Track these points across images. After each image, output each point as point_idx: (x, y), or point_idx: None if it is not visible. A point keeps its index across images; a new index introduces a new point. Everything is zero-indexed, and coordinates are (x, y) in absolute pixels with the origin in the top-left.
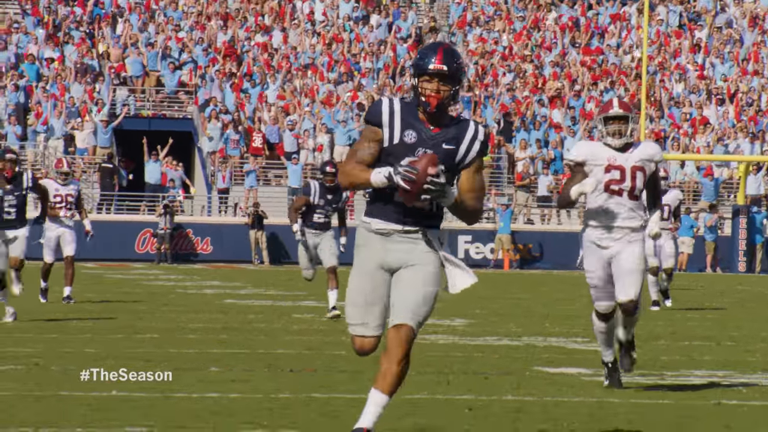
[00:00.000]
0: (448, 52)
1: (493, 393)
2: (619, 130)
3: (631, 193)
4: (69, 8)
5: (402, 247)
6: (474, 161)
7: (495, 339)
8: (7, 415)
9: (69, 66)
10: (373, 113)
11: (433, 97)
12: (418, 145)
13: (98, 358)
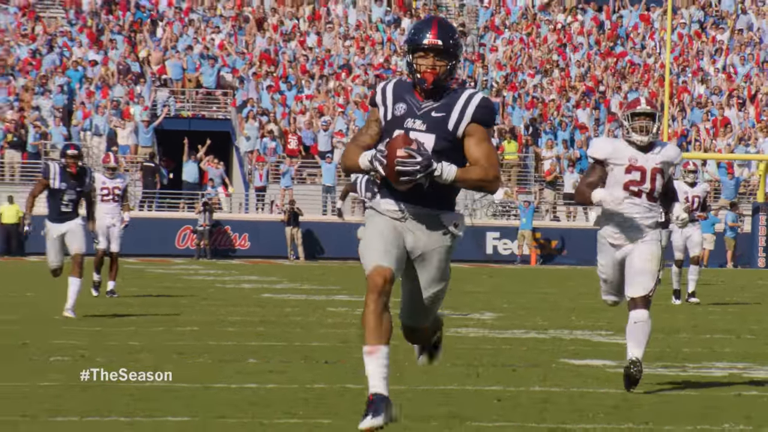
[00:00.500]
0: (443, 25)
1: (520, 384)
2: (645, 126)
3: (650, 195)
4: (111, 14)
5: (416, 233)
6: (475, 130)
7: (522, 332)
8: (54, 405)
9: (112, 68)
10: (372, 95)
11: (429, 72)
12: (407, 116)
13: (141, 350)
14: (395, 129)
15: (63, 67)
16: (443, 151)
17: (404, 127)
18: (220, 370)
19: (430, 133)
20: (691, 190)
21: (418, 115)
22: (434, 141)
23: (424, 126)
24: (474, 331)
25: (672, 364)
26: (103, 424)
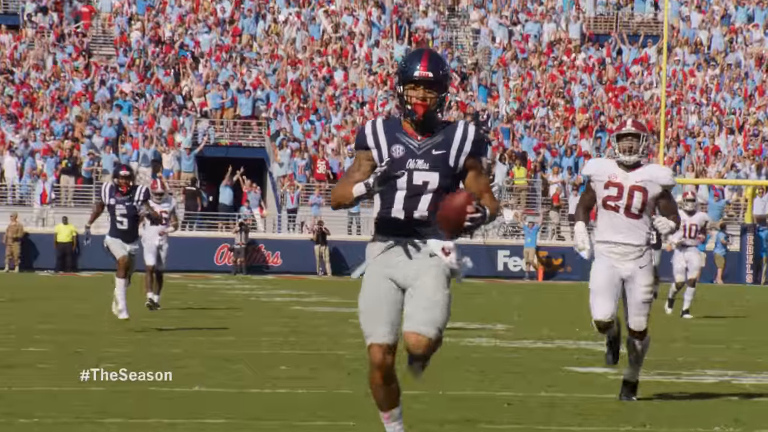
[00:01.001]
0: (434, 58)
1: (529, 390)
2: (630, 146)
3: (627, 210)
4: (158, 50)
5: (406, 264)
6: (473, 164)
7: (530, 342)
8: (102, 407)
9: (157, 101)
10: (359, 139)
11: (420, 105)
12: (408, 157)
13: (183, 357)
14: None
15: (113, 99)
16: (445, 186)
17: (407, 168)
18: (254, 377)
19: (434, 172)
20: (689, 218)
21: (419, 155)
22: (438, 179)
23: (427, 165)
24: (486, 341)
25: (668, 372)
26: (146, 426)
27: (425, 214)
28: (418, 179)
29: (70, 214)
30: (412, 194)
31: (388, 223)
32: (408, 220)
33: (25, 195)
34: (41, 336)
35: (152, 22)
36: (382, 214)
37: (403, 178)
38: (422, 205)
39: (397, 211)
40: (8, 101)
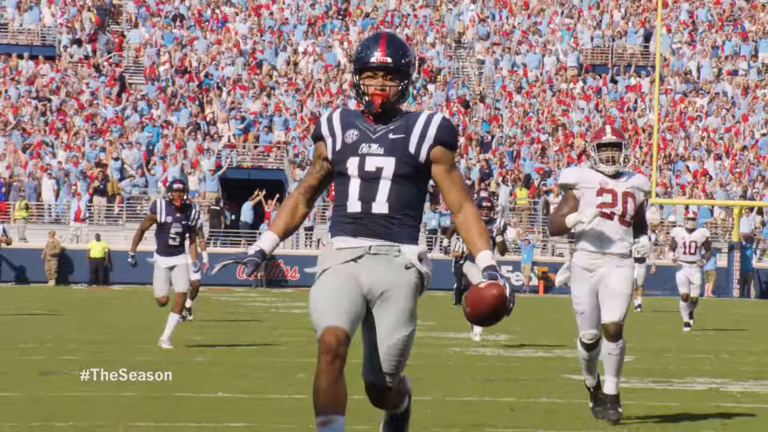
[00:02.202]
0: (393, 41)
1: (531, 396)
2: (612, 156)
3: (622, 218)
4: (184, 79)
5: (374, 269)
6: (442, 155)
7: (532, 351)
8: (134, 412)
9: (183, 126)
10: (315, 129)
11: (378, 94)
12: (361, 142)
13: (209, 365)
14: (349, 157)
15: (143, 125)
16: (405, 176)
17: (359, 153)
18: (274, 383)
19: (389, 156)
20: (689, 235)
21: (373, 139)
22: (394, 164)
23: (381, 149)
24: (490, 350)
25: (659, 380)
26: (174, 429)
27: (384, 207)
28: (371, 165)
29: (102, 232)
30: (366, 183)
31: (344, 220)
32: (366, 214)
33: (61, 214)
34: (75, 345)
35: (180, 53)
36: (337, 210)
37: (354, 162)
38: (380, 195)
39: (353, 203)
40: (44, 126)
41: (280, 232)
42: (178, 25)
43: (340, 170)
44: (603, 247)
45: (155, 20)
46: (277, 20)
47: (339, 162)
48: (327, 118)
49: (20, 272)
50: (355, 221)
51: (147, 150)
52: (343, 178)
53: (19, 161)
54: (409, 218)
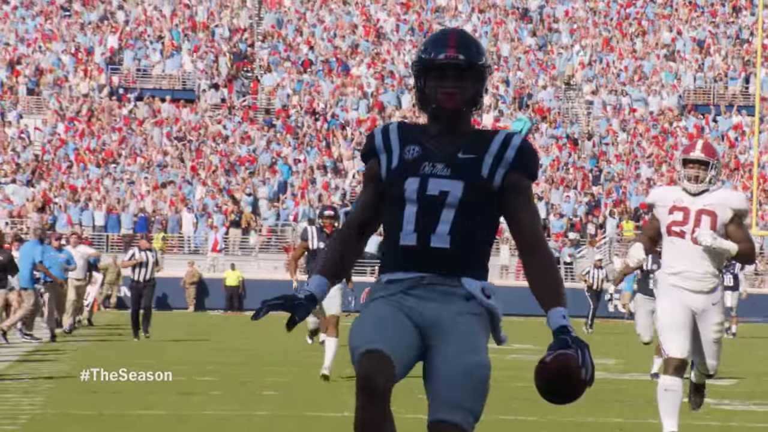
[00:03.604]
0: (464, 37)
1: (638, 416)
2: (697, 175)
3: (695, 239)
4: (312, 120)
5: (428, 305)
6: (520, 184)
7: (638, 375)
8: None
9: (312, 164)
10: (364, 145)
11: (449, 96)
12: (423, 160)
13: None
14: (407, 177)
15: (274, 162)
16: (474, 204)
17: (420, 173)
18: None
19: (457, 180)
20: None
21: (439, 157)
22: (462, 189)
23: (448, 170)
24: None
25: (761, 402)
26: None
27: (445, 241)
28: (434, 188)
29: (236, 261)
30: (426, 210)
31: (395, 257)
32: (423, 249)
33: (200, 245)
34: (213, 367)
35: (308, 96)
36: (387, 244)
37: (413, 186)
38: (441, 226)
39: (407, 234)
40: (181, 164)
41: (329, 274)
42: (307, 70)
43: (394, 193)
44: (681, 266)
45: (286, 65)
46: (397, 64)
47: (394, 182)
48: (382, 130)
49: (162, 299)
50: (409, 256)
51: (278, 186)
52: (396, 203)
53: (161, 196)
54: (474, 255)
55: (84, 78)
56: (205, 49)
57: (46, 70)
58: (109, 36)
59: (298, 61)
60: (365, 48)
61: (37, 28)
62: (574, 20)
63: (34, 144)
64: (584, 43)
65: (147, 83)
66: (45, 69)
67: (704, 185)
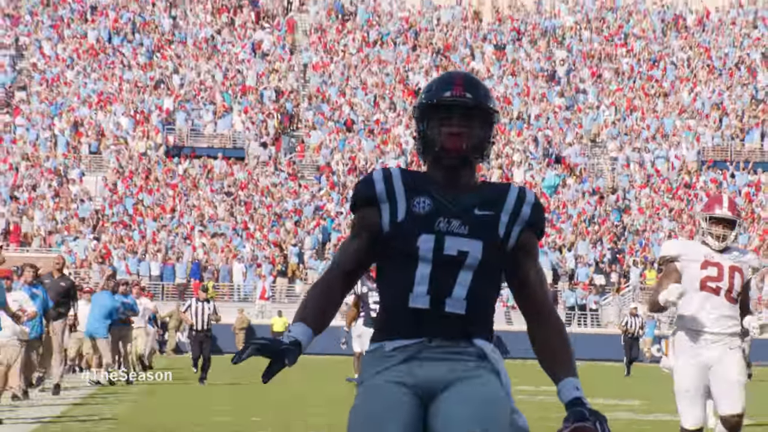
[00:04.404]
0: (470, 78)
1: None
2: (724, 234)
3: (729, 294)
4: (353, 176)
5: (438, 367)
6: (531, 242)
7: (663, 415)
8: None
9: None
10: (360, 190)
11: (454, 138)
12: (437, 215)
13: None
14: (420, 233)
15: (317, 215)
16: (491, 264)
17: (435, 230)
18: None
19: (476, 239)
20: None
21: (453, 213)
22: (482, 250)
23: (465, 228)
24: (624, 414)
25: None
26: None
27: (461, 306)
28: (452, 247)
29: (283, 308)
30: (441, 270)
31: (400, 319)
32: (436, 313)
33: (249, 293)
34: (259, 408)
35: (349, 153)
36: (390, 305)
37: (428, 245)
38: (458, 289)
39: (419, 296)
40: (231, 218)
41: (311, 323)
42: (350, 129)
43: (403, 250)
44: (709, 326)
45: (329, 125)
46: None
47: (401, 238)
48: (383, 176)
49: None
50: (419, 320)
51: (322, 237)
52: (405, 261)
53: (213, 248)
54: (487, 318)
55: (141, 138)
56: (255, 110)
57: (106, 131)
58: (165, 98)
59: (340, 121)
60: (403, 108)
61: (98, 92)
62: (600, 82)
63: (95, 200)
64: (609, 103)
65: (200, 142)
66: (105, 130)
67: (727, 243)
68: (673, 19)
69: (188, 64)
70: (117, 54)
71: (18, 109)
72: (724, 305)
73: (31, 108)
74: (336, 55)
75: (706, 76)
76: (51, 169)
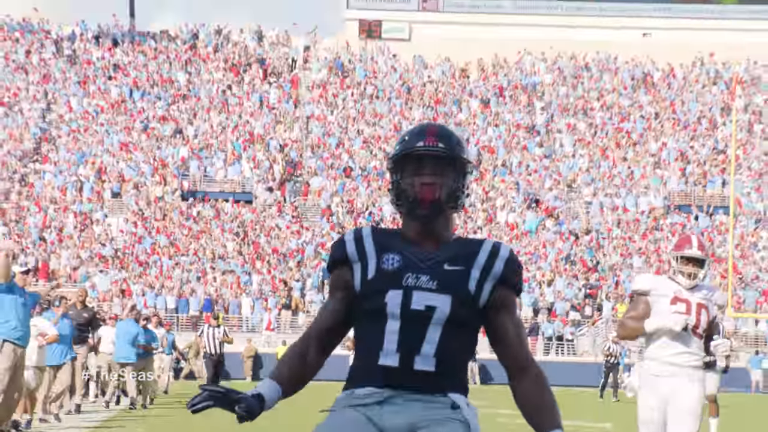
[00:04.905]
0: (443, 129)
1: None
2: (695, 272)
3: (695, 330)
4: (352, 217)
5: (410, 412)
6: (506, 300)
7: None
8: None
9: None
10: (334, 252)
11: (427, 188)
12: (406, 271)
13: None
14: (388, 289)
15: (319, 254)
16: (461, 319)
17: (403, 285)
18: None
19: (445, 294)
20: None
21: (422, 268)
22: (450, 305)
23: (433, 283)
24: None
25: None
26: None
27: (431, 363)
28: (420, 302)
29: (287, 338)
30: (410, 326)
31: (371, 375)
32: (406, 371)
33: (256, 324)
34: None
35: (347, 196)
36: (361, 361)
37: (395, 300)
38: (427, 346)
39: (388, 354)
40: (239, 256)
41: (283, 381)
42: (348, 176)
43: (371, 307)
44: (675, 359)
45: (330, 171)
46: None
47: (371, 296)
48: (354, 237)
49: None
50: (389, 377)
51: (323, 273)
52: (375, 318)
53: (224, 283)
54: (458, 374)
55: (159, 183)
56: (262, 157)
57: (127, 177)
58: (181, 147)
59: (340, 168)
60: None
61: (120, 142)
62: (575, 133)
63: (116, 239)
64: (584, 152)
65: (212, 187)
66: (126, 176)
67: (697, 281)
68: (642, 77)
69: (201, 116)
70: (137, 107)
71: (47, 157)
72: (691, 340)
73: (59, 156)
74: (336, 108)
75: (672, 129)
76: (76, 212)
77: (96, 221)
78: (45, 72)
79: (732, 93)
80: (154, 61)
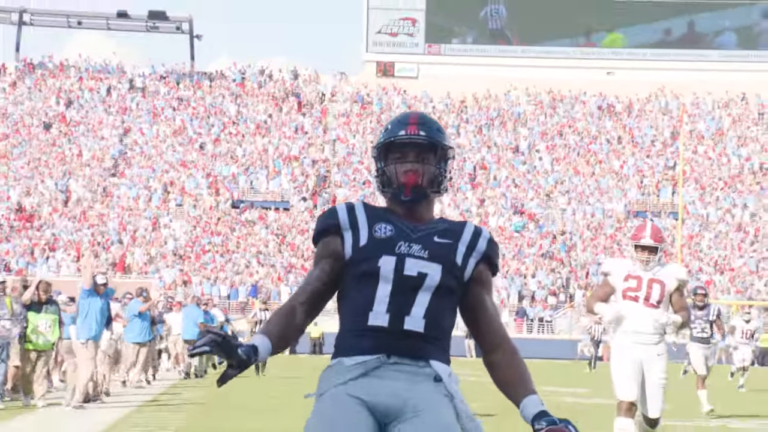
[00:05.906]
0: (425, 118)
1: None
2: (648, 259)
3: (646, 300)
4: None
5: (395, 384)
6: (487, 276)
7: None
8: None
9: None
10: (324, 220)
11: (410, 174)
12: (398, 239)
13: None
14: (381, 255)
15: None
16: (448, 290)
17: (396, 252)
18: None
19: (436, 263)
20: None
21: (413, 238)
22: (441, 273)
23: (425, 252)
24: (570, 398)
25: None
26: None
27: (420, 324)
28: (413, 268)
29: (318, 319)
30: (401, 291)
31: (359, 337)
32: (395, 331)
33: None
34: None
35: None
36: (348, 324)
37: (389, 265)
38: (417, 309)
39: (378, 314)
40: (279, 253)
41: (273, 338)
42: (367, 187)
43: (364, 270)
44: (635, 327)
45: (353, 184)
46: None
47: (364, 261)
48: (346, 207)
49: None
50: (378, 337)
51: None
52: (366, 282)
53: (267, 275)
54: (443, 340)
55: (213, 194)
56: (297, 173)
57: (187, 189)
58: (231, 165)
59: (360, 181)
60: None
61: (182, 161)
62: (553, 152)
63: (179, 240)
64: (559, 168)
65: (257, 197)
66: (187, 189)
67: (653, 265)
68: (606, 107)
69: (248, 140)
70: (195, 133)
71: (123, 173)
72: (644, 310)
73: (133, 172)
74: (357, 133)
75: (631, 149)
76: (147, 217)
77: (163, 225)
78: (122, 105)
79: (680, 120)
80: (209, 95)
